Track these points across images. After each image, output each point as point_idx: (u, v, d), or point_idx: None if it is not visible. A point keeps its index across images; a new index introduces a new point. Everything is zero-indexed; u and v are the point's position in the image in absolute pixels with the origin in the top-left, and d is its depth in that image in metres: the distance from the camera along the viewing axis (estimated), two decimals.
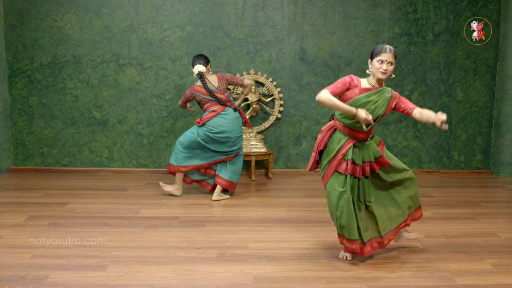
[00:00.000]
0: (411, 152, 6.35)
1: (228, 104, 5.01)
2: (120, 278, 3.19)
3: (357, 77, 3.42)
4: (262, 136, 6.08)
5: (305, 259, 3.53)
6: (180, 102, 5.23)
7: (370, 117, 3.25)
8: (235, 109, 5.03)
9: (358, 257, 3.57)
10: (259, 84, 6.19)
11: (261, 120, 6.24)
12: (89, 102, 6.16)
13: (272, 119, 6.20)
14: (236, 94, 6.04)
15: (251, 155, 5.87)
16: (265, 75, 6.12)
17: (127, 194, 5.25)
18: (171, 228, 4.16)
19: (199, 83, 5.02)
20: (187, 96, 5.11)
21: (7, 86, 6.13)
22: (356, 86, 3.37)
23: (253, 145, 5.96)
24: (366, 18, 6.12)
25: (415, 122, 6.28)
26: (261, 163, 6.32)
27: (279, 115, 6.21)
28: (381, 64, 3.32)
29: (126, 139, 6.23)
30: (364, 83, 3.40)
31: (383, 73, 3.33)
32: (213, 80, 5.01)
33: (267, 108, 6.18)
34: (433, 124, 3.25)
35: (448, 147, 6.37)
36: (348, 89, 3.36)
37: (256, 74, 6.12)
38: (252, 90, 6.03)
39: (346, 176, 3.34)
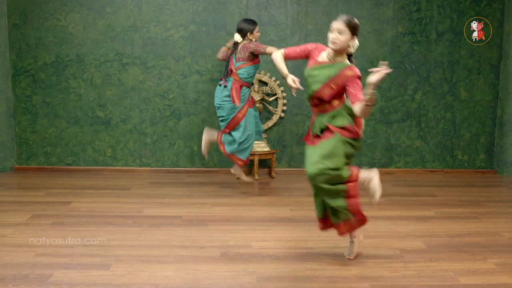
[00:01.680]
0: (414, 152, 6.35)
1: (231, 76, 5.17)
2: (123, 277, 3.19)
3: (323, 48, 3.31)
4: (266, 135, 6.08)
5: (309, 258, 3.53)
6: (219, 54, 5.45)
7: (295, 85, 3.37)
8: (223, 86, 5.15)
9: (362, 256, 3.57)
10: (262, 83, 6.18)
11: (264, 120, 6.24)
12: (93, 101, 6.17)
13: (275, 118, 6.20)
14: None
15: (254, 154, 5.87)
16: (268, 74, 6.12)
17: (130, 193, 5.25)
18: (174, 227, 4.16)
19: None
20: (224, 52, 5.38)
21: (10, 85, 6.14)
22: (313, 57, 3.33)
23: (257, 144, 5.95)
24: (369, 17, 6.12)
25: (419, 122, 6.27)
26: (264, 162, 6.32)
27: (282, 114, 6.21)
28: (331, 33, 3.21)
29: (129, 138, 6.23)
30: (322, 56, 3.31)
31: (332, 42, 3.21)
32: (240, 47, 5.19)
33: (270, 108, 6.17)
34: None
35: (451, 147, 6.36)
36: (308, 57, 3.36)
37: (259, 73, 6.12)
38: (255, 89, 6.03)
39: None
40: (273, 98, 6.16)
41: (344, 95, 3.29)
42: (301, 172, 6.27)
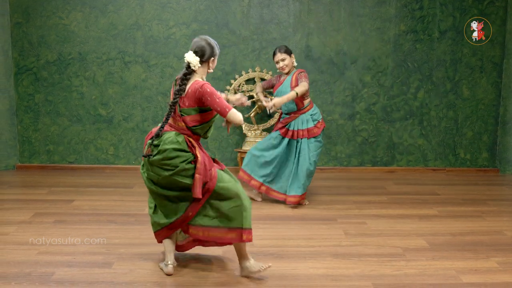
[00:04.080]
0: (416, 150, 6.34)
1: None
2: (125, 275, 3.20)
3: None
4: (268, 134, 6.07)
5: (311, 256, 3.53)
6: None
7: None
8: None
9: (364, 255, 3.57)
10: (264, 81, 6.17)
11: (266, 118, 6.24)
12: (95, 99, 6.17)
13: (277, 116, 6.18)
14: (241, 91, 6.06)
15: None
16: (270, 73, 6.11)
17: (132, 191, 5.26)
18: None
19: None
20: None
21: (13, 83, 6.15)
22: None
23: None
24: (372, 15, 6.11)
25: (421, 120, 6.26)
26: None
27: None
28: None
29: (131, 137, 6.24)
30: None
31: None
32: None
33: None
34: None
35: (454, 145, 6.35)
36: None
37: (261, 71, 6.11)
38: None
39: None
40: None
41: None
42: None
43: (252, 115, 6.05)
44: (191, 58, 3.08)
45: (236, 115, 3.08)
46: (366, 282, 3.13)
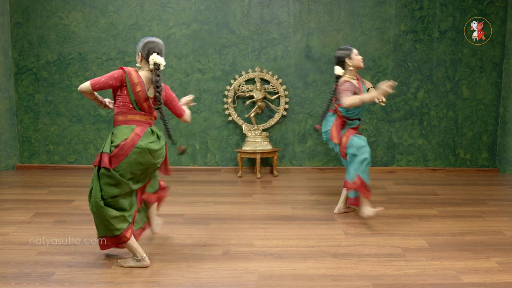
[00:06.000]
0: (416, 150, 6.34)
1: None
2: (125, 275, 3.20)
3: None
4: (268, 134, 6.08)
5: (310, 256, 3.53)
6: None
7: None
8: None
9: (364, 255, 3.57)
10: (264, 81, 6.18)
11: (266, 118, 6.24)
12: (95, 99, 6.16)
13: (277, 116, 6.19)
14: (241, 92, 6.07)
15: (256, 153, 5.87)
16: (270, 73, 6.12)
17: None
18: (176, 226, 4.16)
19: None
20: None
21: (13, 83, 6.15)
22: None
23: (259, 142, 5.96)
24: (372, 15, 6.11)
25: (421, 120, 6.26)
26: (266, 161, 6.32)
27: (285, 113, 6.20)
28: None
29: None
30: None
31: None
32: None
33: (273, 106, 6.17)
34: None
35: (454, 145, 6.35)
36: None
37: (261, 71, 6.11)
38: (258, 87, 6.03)
39: None
40: (275, 96, 6.16)
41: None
42: (303, 170, 6.28)
43: (252, 115, 6.05)
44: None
45: None
46: (366, 282, 3.13)
